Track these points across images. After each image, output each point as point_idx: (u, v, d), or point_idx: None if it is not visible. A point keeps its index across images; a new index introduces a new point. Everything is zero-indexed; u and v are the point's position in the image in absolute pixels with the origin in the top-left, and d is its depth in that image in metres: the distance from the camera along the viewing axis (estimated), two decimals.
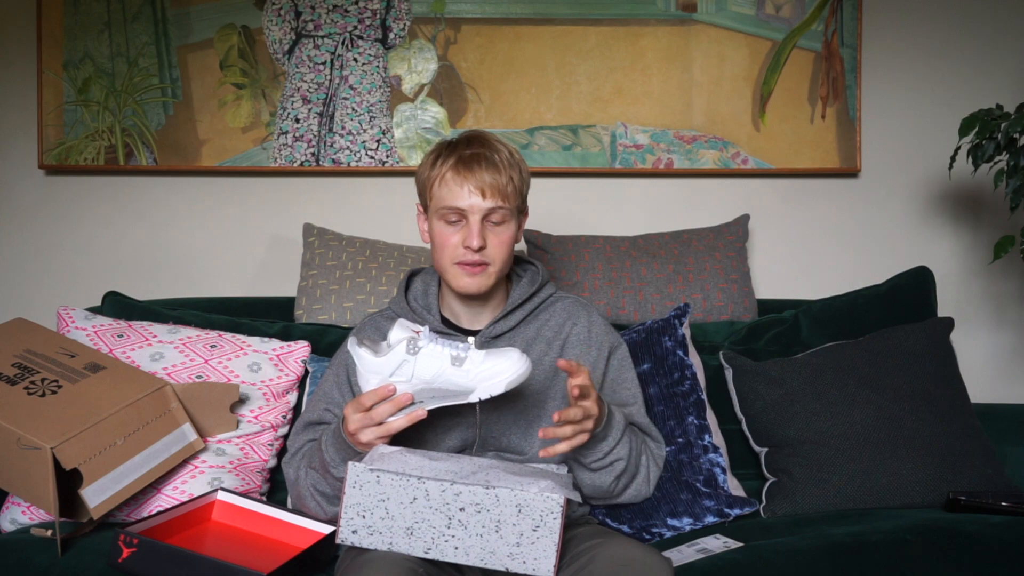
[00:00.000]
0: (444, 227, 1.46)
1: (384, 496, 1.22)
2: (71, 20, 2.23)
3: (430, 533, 1.21)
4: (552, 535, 1.20)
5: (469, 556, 1.21)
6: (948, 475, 1.67)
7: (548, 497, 1.20)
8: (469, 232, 1.44)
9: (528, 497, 1.20)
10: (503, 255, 1.47)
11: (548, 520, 1.20)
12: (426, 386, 1.30)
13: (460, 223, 1.45)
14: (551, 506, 1.20)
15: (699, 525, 1.62)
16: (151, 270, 2.29)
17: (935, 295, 2.03)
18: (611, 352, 1.56)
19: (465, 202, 1.43)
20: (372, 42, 2.27)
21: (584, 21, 2.28)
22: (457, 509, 1.21)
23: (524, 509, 1.20)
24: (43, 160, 2.24)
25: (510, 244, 1.48)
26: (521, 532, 1.21)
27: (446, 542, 1.21)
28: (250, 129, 2.26)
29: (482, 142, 1.48)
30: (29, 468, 1.40)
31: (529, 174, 1.54)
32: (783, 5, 2.29)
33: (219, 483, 1.60)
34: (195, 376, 1.70)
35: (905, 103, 2.35)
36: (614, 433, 1.43)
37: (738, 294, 2.07)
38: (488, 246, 1.45)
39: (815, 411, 1.74)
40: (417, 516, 1.21)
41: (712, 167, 2.29)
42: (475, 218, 1.44)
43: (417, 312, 1.53)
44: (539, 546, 1.20)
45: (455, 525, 1.21)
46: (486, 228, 1.45)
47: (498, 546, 1.21)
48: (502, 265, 1.48)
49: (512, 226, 1.48)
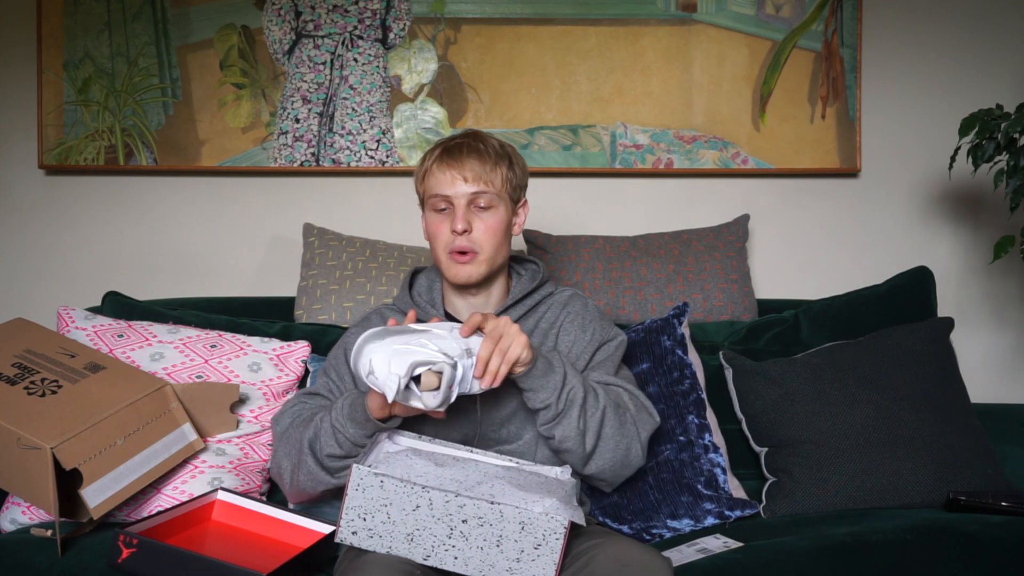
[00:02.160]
0: (434, 216, 1.50)
1: (387, 501, 1.21)
2: (71, 20, 2.23)
3: (430, 541, 1.21)
4: (553, 554, 1.20)
5: (468, 567, 1.21)
6: (948, 475, 1.67)
7: (552, 519, 1.20)
8: (454, 217, 1.46)
9: (532, 516, 1.20)
10: (491, 241, 1.48)
11: (550, 539, 1.20)
12: None
13: (448, 211, 1.48)
14: (554, 527, 1.20)
15: (699, 526, 1.62)
16: (151, 270, 2.29)
17: (935, 295, 2.03)
18: (603, 343, 1.54)
19: (450, 188, 1.46)
20: (372, 42, 2.27)
21: (584, 21, 2.28)
22: (459, 521, 1.21)
23: (527, 527, 1.20)
24: (43, 160, 2.24)
25: (499, 230, 1.48)
26: (522, 548, 1.20)
27: (446, 551, 1.21)
28: (250, 129, 2.26)
29: (471, 134, 1.53)
30: (29, 468, 1.40)
31: (525, 168, 1.55)
32: (783, 5, 2.29)
33: (219, 483, 1.59)
34: (195, 376, 1.70)
35: (905, 103, 2.35)
36: (557, 367, 1.39)
37: (738, 294, 2.07)
38: (474, 231, 1.46)
39: (815, 411, 1.74)
40: (419, 524, 1.21)
41: (712, 167, 2.29)
42: (460, 203, 1.46)
43: (421, 307, 1.54)
44: (539, 563, 1.20)
45: (456, 536, 1.21)
46: (472, 213, 1.47)
47: (498, 560, 1.21)
48: (492, 252, 1.48)
49: (501, 212, 1.49)
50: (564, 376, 1.39)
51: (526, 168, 1.56)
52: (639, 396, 1.52)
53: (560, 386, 1.38)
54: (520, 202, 1.55)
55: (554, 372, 1.39)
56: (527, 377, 1.37)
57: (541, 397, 1.38)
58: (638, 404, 1.50)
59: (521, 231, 1.57)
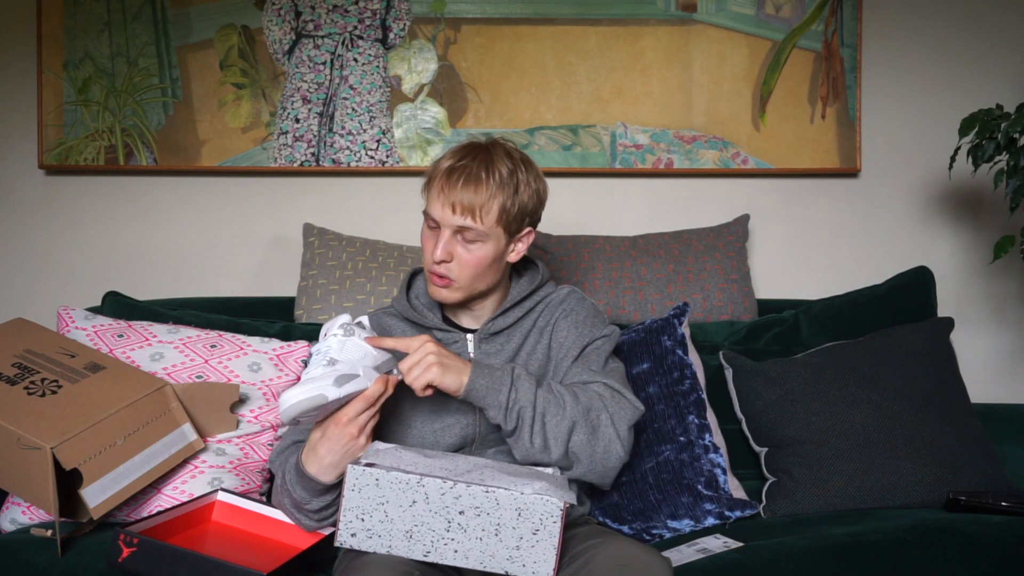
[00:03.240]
0: (426, 231, 1.47)
1: (383, 499, 1.22)
2: (71, 20, 2.23)
3: (429, 536, 1.21)
4: (552, 539, 1.20)
5: (468, 559, 1.21)
6: (948, 475, 1.67)
7: (548, 501, 1.20)
8: (437, 243, 1.43)
9: (528, 501, 1.20)
10: (468, 274, 1.44)
11: (548, 524, 1.20)
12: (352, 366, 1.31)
13: (437, 231, 1.45)
14: (551, 510, 1.20)
15: (699, 527, 1.62)
16: (151, 270, 2.29)
17: (935, 295, 2.03)
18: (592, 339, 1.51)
19: (439, 213, 1.43)
20: (372, 42, 2.27)
21: (584, 21, 2.28)
22: (457, 512, 1.21)
23: (524, 512, 1.20)
24: (43, 160, 2.24)
25: (480, 265, 1.44)
26: (521, 535, 1.20)
27: (445, 545, 1.21)
28: (250, 129, 2.26)
29: (483, 154, 1.45)
30: (29, 468, 1.40)
31: (539, 192, 1.48)
32: (783, 5, 2.29)
33: (219, 483, 1.59)
34: (195, 376, 1.70)
35: (905, 103, 2.35)
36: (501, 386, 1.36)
37: (738, 294, 2.07)
38: (454, 261, 1.43)
39: (815, 411, 1.74)
40: (416, 519, 1.21)
41: (712, 167, 2.29)
42: (445, 231, 1.43)
43: (419, 310, 1.53)
44: (539, 549, 1.20)
45: (455, 528, 1.21)
46: (455, 243, 1.43)
47: (497, 549, 1.21)
48: (469, 282, 1.45)
49: (487, 248, 1.43)
50: (509, 395, 1.36)
51: (541, 192, 1.48)
52: (617, 387, 1.45)
53: (504, 405, 1.36)
54: (520, 232, 1.48)
55: (498, 392, 1.36)
56: (467, 396, 1.35)
57: (490, 414, 1.37)
58: (615, 396, 1.44)
59: (519, 257, 1.51)
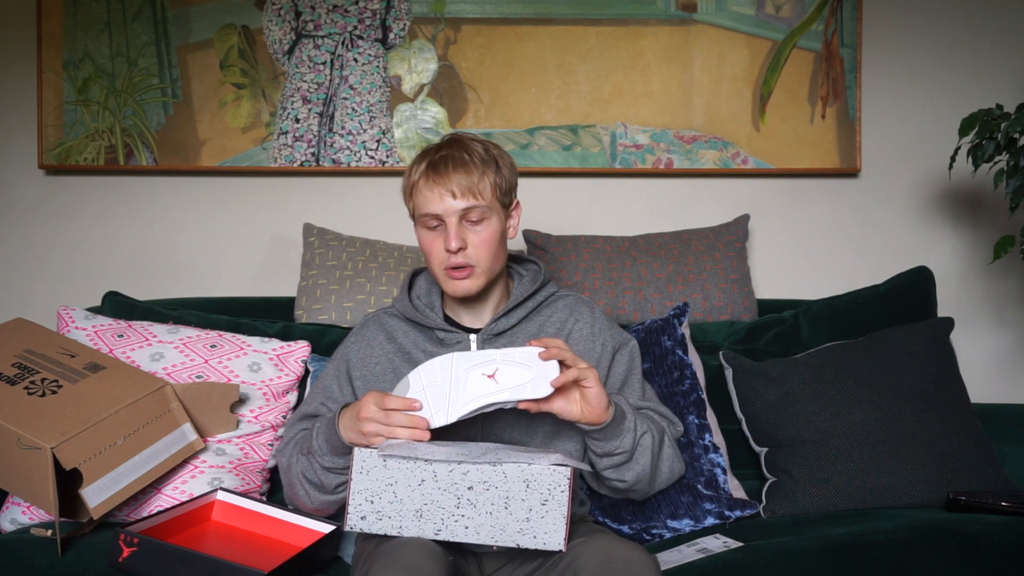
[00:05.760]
0: (427, 234, 1.47)
1: (392, 480, 1.21)
2: (71, 20, 2.23)
3: (439, 514, 1.21)
4: (561, 508, 1.20)
5: (480, 535, 1.21)
6: (948, 475, 1.67)
7: (555, 469, 1.20)
8: (447, 235, 1.43)
9: (535, 471, 1.20)
10: (486, 254, 1.46)
11: (556, 493, 1.20)
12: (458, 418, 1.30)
13: (440, 227, 1.45)
14: (558, 479, 1.20)
15: (699, 526, 1.62)
16: (151, 270, 2.29)
17: (935, 295, 2.03)
18: (617, 350, 1.55)
19: (439, 206, 1.43)
20: (372, 42, 2.27)
21: (584, 21, 2.28)
22: (465, 488, 1.21)
23: (532, 484, 1.20)
24: (43, 160, 2.24)
25: (493, 242, 1.46)
26: (530, 507, 1.21)
27: (456, 522, 1.21)
28: (250, 129, 2.26)
29: (454, 143, 1.48)
30: (29, 468, 1.40)
31: (513, 166, 1.51)
32: (783, 5, 2.29)
33: (219, 483, 1.60)
34: (195, 376, 1.70)
35: (905, 103, 2.35)
36: (628, 423, 1.40)
37: (738, 294, 2.07)
38: (469, 246, 1.44)
39: (815, 411, 1.74)
40: (426, 498, 1.21)
41: (712, 167, 2.29)
42: (451, 220, 1.43)
43: (420, 311, 1.53)
44: (548, 520, 1.20)
45: (464, 504, 1.21)
46: (464, 228, 1.44)
47: (508, 523, 1.21)
48: (489, 264, 1.47)
49: (494, 223, 1.46)
50: (634, 422, 1.41)
51: (514, 166, 1.52)
52: (666, 412, 1.57)
53: (633, 431, 1.40)
54: (512, 205, 1.52)
55: (625, 419, 1.40)
56: (603, 428, 1.37)
57: (613, 444, 1.40)
58: (668, 420, 1.56)
59: (517, 233, 1.55)
